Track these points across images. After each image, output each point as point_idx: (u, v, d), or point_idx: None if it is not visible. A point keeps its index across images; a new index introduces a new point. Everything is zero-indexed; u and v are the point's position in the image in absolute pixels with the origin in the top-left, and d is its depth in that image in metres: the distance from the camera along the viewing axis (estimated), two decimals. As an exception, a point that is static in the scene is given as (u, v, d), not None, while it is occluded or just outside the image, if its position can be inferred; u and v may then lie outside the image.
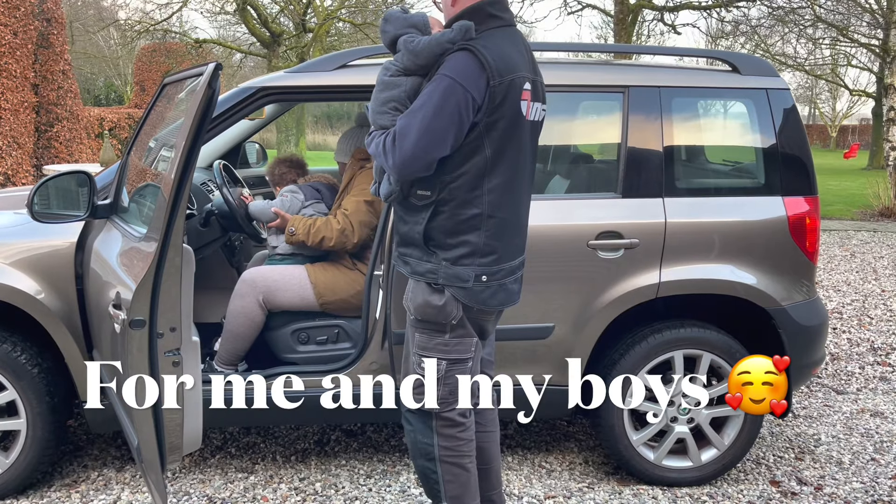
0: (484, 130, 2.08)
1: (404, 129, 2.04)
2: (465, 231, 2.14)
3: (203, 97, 1.92)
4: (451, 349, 2.23)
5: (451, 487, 2.31)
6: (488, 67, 2.03)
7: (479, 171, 2.11)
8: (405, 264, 2.25)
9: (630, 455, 3.04)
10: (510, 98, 2.09)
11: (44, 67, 11.10)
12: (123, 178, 2.83)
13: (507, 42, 2.14)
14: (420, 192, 2.15)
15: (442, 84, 2.03)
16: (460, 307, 2.19)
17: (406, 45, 2.11)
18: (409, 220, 2.20)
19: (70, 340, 2.78)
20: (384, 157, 2.08)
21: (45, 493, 2.96)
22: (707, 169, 3.37)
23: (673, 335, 2.97)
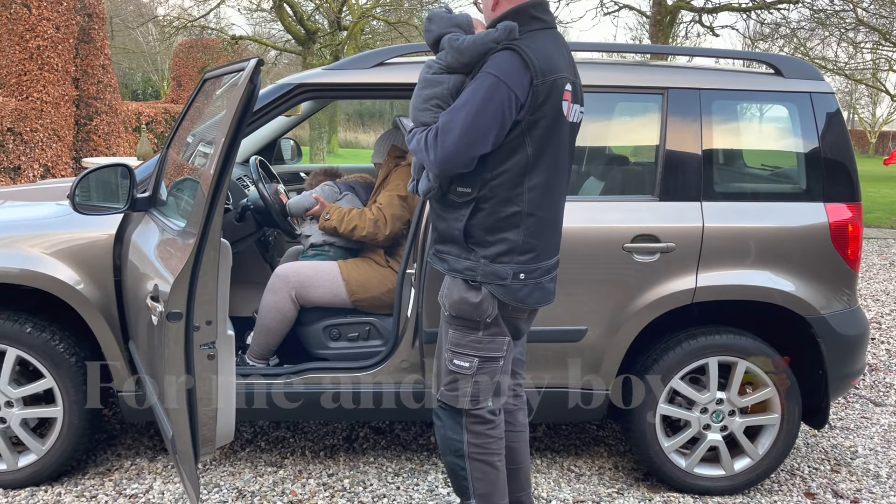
0: (526, 129, 2.09)
1: (447, 126, 2.05)
2: (505, 229, 2.15)
3: (244, 92, 1.94)
4: (483, 347, 2.24)
5: (480, 485, 2.31)
6: (532, 67, 2.05)
7: (520, 169, 2.12)
8: (442, 261, 2.26)
9: (661, 462, 3.00)
10: (552, 98, 2.10)
11: (84, 62, 11.31)
12: (162, 172, 2.87)
13: (550, 43, 2.16)
14: (460, 189, 2.16)
15: (486, 82, 2.05)
16: (496, 305, 2.19)
17: (451, 44, 2.13)
18: (447, 217, 2.21)
19: (107, 330, 2.82)
20: (425, 152, 2.10)
21: (79, 480, 3.01)
22: (746, 173, 3.31)
23: (708, 341, 2.93)
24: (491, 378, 2.27)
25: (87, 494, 2.90)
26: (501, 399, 2.34)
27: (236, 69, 2.35)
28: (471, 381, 2.25)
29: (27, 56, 10.00)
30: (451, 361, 2.27)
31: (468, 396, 2.26)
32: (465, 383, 2.26)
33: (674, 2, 14.24)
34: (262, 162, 3.68)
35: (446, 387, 2.30)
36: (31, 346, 2.81)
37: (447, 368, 2.29)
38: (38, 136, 10.11)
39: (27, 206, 3.26)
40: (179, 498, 2.89)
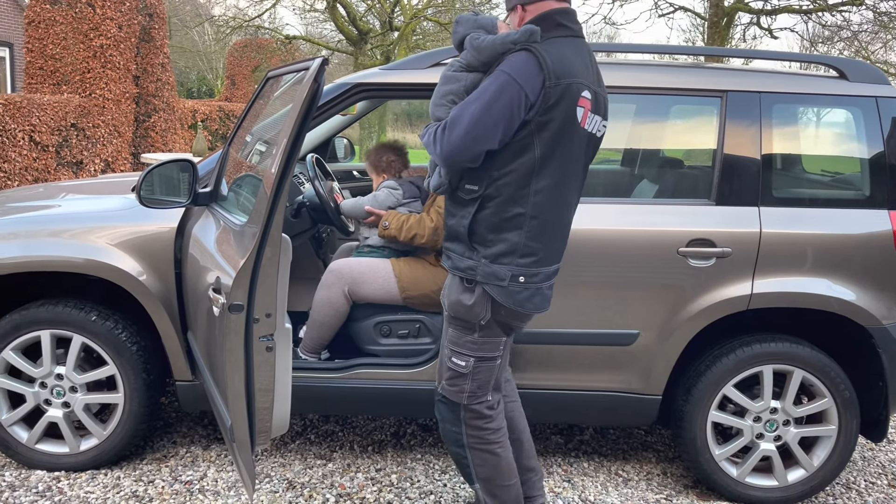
0: (535, 130, 2.10)
1: (455, 119, 2.09)
2: (507, 229, 2.17)
3: (308, 91, 1.98)
4: (479, 347, 2.30)
5: (481, 470, 2.42)
6: (546, 68, 2.07)
7: (527, 170, 2.13)
8: (447, 258, 2.32)
9: (711, 469, 2.96)
10: (565, 101, 2.10)
11: (145, 60, 11.62)
12: (224, 168, 2.94)
13: (571, 50, 2.17)
14: (468, 186, 2.19)
15: (499, 79, 2.08)
16: (489, 309, 2.23)
17: (471, 42, 2.19)
18: (456, 214, 2.25)
19: (167, 321, 2.91)
20: (433, 145, 2.14)
21: (137, 465, 3.11)
22: (806, 178, 3.24)
23: (763, 349, 2.88)
24: (488, 376, 2.35)
25: (145, 479, 3.00)
26: (500, 393, 2.42)
27: (300, 68, 2.40)
28: (468, 379, 2.33)
29: (91, 54, 10.33)
30: (449, 359, 2.35)
31: (466, 392, 2.35)
32: (462, 380, 2.34)
33: (731, 3, 13.97)
34: (318, 160, 3.74)
35: (447, 382, 2.38)
36: (95, 333, 2.91)
37: (446, 365, 2.37)
38: (100, 132, 10.43)
39: (94, 199, 3.38)
40: (233, 486, 2.96)
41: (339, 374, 2.97)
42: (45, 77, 10.36)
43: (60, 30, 10.26)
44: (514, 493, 2.45)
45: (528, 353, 2.91)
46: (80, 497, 2.85)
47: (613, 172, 4.02)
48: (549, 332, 2.88)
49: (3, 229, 2.98)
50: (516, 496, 2.45)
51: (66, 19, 10.26)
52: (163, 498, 2.86)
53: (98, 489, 2.91)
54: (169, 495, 2.88)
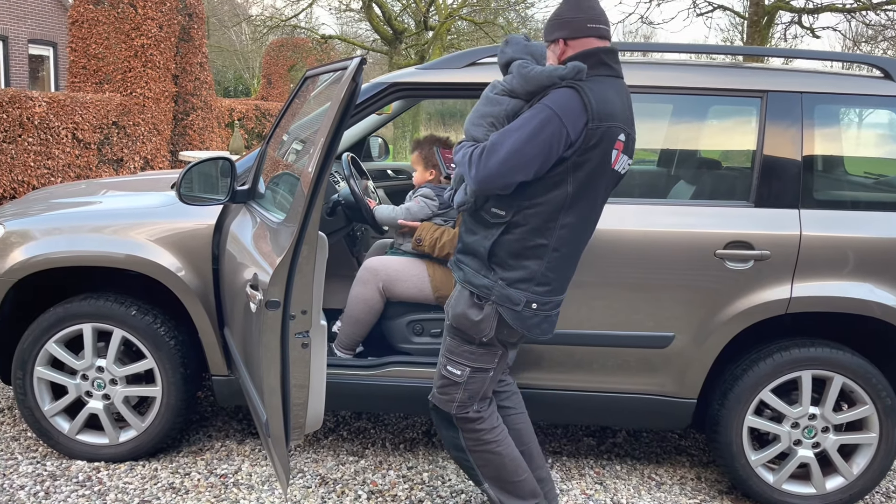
0: (571, 168, 2.13)
1: (495, 146, 2.11)
2: (529, 257, 2.21)
3: (347, 90, 2.00)
4: (476, 358, 2.34)
5: (486, 470, 2.44)
6: (590, 109, 2.09)
7: (557, 205, 2.17)
8: (459, 270, 2.34)
9: (747, 475, 2.92)
10: (603, 144, 2.13)
11: (184, 59, 11.81)
12: (261, 166, 2.98)
13: (613, 91, 2.19)
14: (495, 210, 2.22)
15: (543, 113, 2.10)
16: (494, 328, 2.27)
17: (520, 70, 2.20)
18: (477, 233, 2.27)
19: (204, 316, 2.96)
20: (468, 167, 2.16)
21: (174, 457, 3.17)
22: (848, 181, 3.18)
23: (802, 354, 2.83)
24: (480, 387, 2.38)
25: (181, 471, 3.05)
26: (486, 402, 2.44)
27: (338, 68, 2.42)
28: (461, 389, 2.36)
29: (132, 53, 10.53)
30: (444, 367, 2.38)
31: (456, 402, 2.39)
32: (454, 389, 2.38)
33: (772, 2, 13.73)
34: (354, 159, 3.77)
35: (438, 390, 2.43)
36: (135, 327, 2.97)
37: (440, 373, 2.40)
38: (140, 130, 10.63)
39: (134, 196, 3.44)
40: (266, 480, 3.00)
41: (372, 371, 2.99)
42: (88, 76, 10.59)
43: (103, 30, 10.47)
44: (529, 487, 2.47)
45: (561, 355, 2.90)
46: (119, 487, 2.91)
47: (650, 173, 3.98)
48: (584, 334, 2.86)
49: (48, 224, 3.05)
50: (532, 489, 2.47)
51: (109, 19, 10.46)
52: (198, 490, 2.91)
53: (136, 480, 2.97)
54: (204, 488, 2.93)
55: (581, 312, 2.84)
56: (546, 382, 2.93)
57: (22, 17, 17.39)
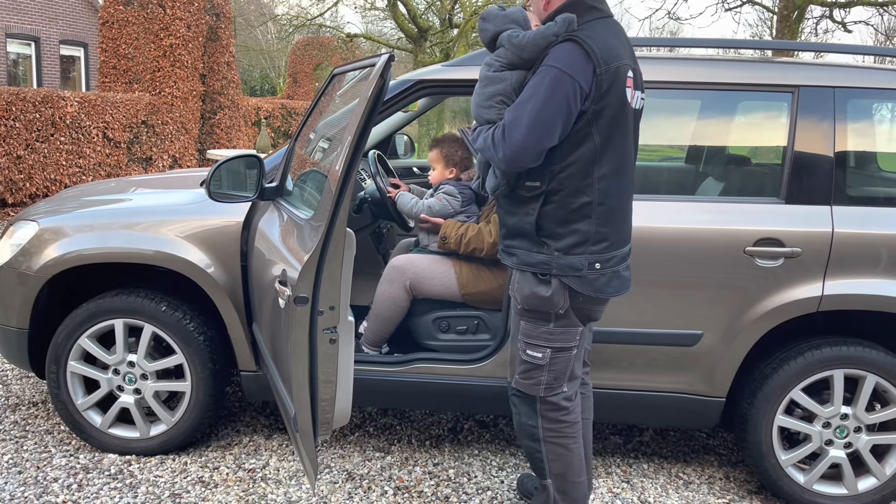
0: (592, 118, 2.09)
1: (514, 121, 2.07)
2: (576, 220, 2.16)
3: (375, 87, 2.00)
4: (555, 338, 2.28)
5: (555, 466, 2.39)
6: (594, 56, 2.05)
7: (588, 159, 2.12)
8: (511, 255, 2.30)
9: (777, 475, 2.88)
10: (616, 86, 2.10)
11: (211, 59, 11.94)
12: (289, 164, 3.00)
13: (608, 32, 2.16)
14: (529, 184, 2.18)
15: (549, 74, 2.05)
16: (568, 297, 2.21)
17: (511, 40, 2.16)
18: (517, 212, 2.23)
19: (233, 312, 2.99)
20: (493, 150, 2.12)
21: (202, 451, 3.20)
22: (881, 177, 3.13)
23: (833, 353, 2.79)
24: (565, 366, 2.32)
25: (210, 466, 3.09)
26: (576, 383, 2.39)
27: (366, 65, 2.43)
28: (545, 371, 2.31)
29: (161, 53, 10.67)
30: (524, 352, 2.32)
31: (543, 385, 2.32)
32: (538, 373, 2.31)
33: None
34: (380, 156, 3.78)
35: (521, 375, 2.36)
36: (165, 323, 3.01)
37: (521, 358, 2.34)
38: (168, 129, 10.77)
39: (163, 193, 3.49)
40: (294, 475, 3.02)
41: (398, 367, 3.00)
42: (118, 76, 10.75)
43: (132, 30, 10.62)
44: (584, 491, 2.43)
45: (588, 352, 2.88)
46: (150, 480, 2.95)
47: (678, 170, 3.94)
48: (613, 332, 2.85)
49: (80, 222, 3.11)
50: (584, 494, 2.43)
51: (138, 20, 10.61)
52: (227, 484, 2.94)
53: (166, 473, 3.01)
54: (233, 482, 2.96)
55: (609, 310, 2.81)
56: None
57: (53, 18, 17.69)
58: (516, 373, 2.38)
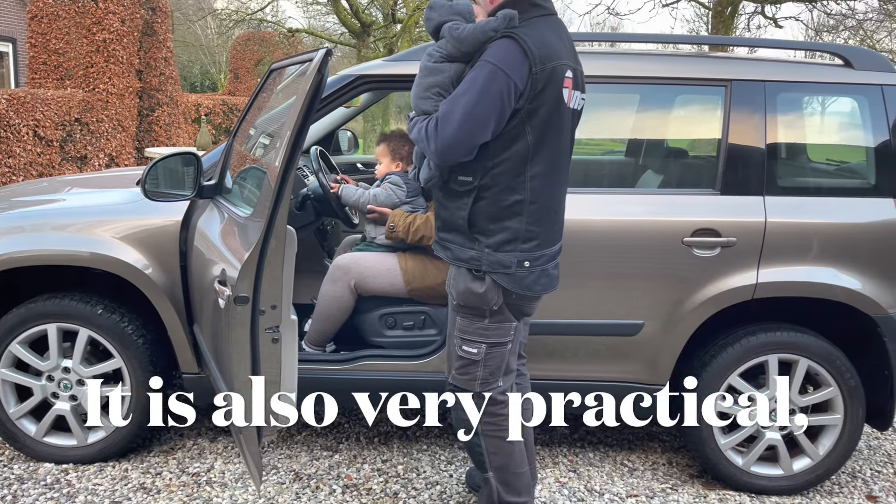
0: (525, 117, 2.11)
1: (447, 115, 2.08)
2: (507, 217, 2.18)
3: (313, 82, 1.98)
4: (490, 333, 2.30)
5: (495, 458, 2.41)
6: (531, 55, 2.06)
7: (521, 157, 2.14)
8: (446, 250, 2.31)
9: (717, 459, 2.97)
10: (552, 85, 2.11)
11: (148, 54, 11.61)
12: (228, 161, 2.95)
13: (549, 30, 2.17)
14: (462, 178, 2.19)
15: (485, 70, 2.07)
16: (501, 294, 2.24)
17: (451, 32, 2.16)
18: (450, 206, 2.25)
19: (173, 314, 2.92)
20: (426, 141, 2.13)
21: (144, 457, 3.13)
22: (811, 168, 3.23)
23: (768, 338, 2.88)
24: (500, 361, 2.35)
25: (153, 471, 3.01)
26: (511, 376, 2.42)
27: (304, 60, 2.40)
28: (480, 366, 2.33)
29: (94, 49, 10.32)
30: (460, 347, 2.34)
31: (479, 380, 2.35)
32: (474, 368, 2.34)
33: (735, -8, 13.91)
34: (322, 152, 3.74)
35: (457, 371, 2.38)
36: (101, 327, 2.92)
37: (457, 354, 2.36)
38: (104, 127, 10.44)
39: (98, 193, 3.39)
40: (240, 477, 2.98)
41: (345, 365, 2.98)
42: (49, 72, 10.36)
43: (63, 24, 10.25)
44: (526, 482, 2.46)
45: (533, 344, 2.91)
46: (89, 489, 2.87)
47: (619, 163, 4.01)
48: (555, 323, 2.88)
49: (11, 223, 2.99)
50: (528, 484, 2.46)
51: (69, 14, 10.24)
52: (170, 490, 2.88)
53: (106, 481, 2.93)
54: (176, 487, 2.90)
55: (553, 302, 2.85)
56: (519, 372, 2.94)
57: (-21, 12, 16.96)
58: (453, 368, 2.40)
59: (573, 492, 2.97)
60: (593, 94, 3.38)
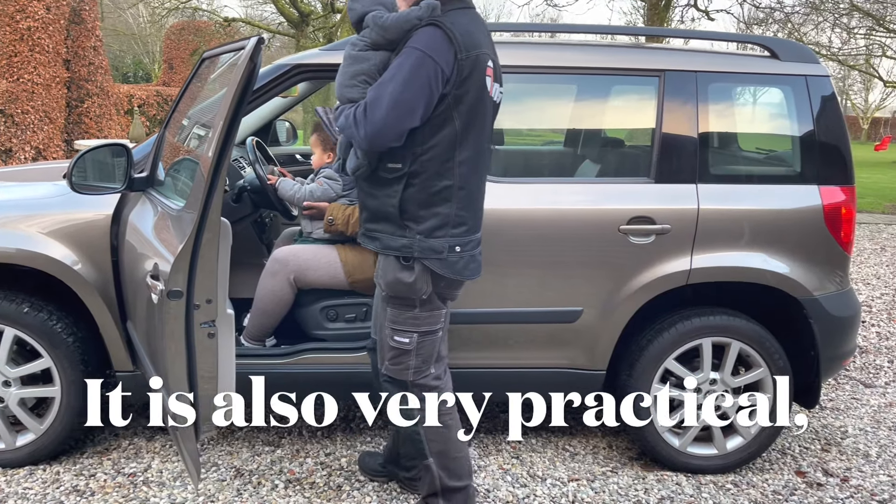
0: (453, 103, 2.15)
1: (376, 100, 2.09)
2: (438, 203, 2.21)
3: (245, 71, 1.94)
4: (421, 322, 2.33)
5: (435, 444, 2.44)
6: (456, 42, 2.11)
7: (449, 143, 2.18)
8: (374, 240, 2.32)
9: (655, 441, 3.04)
10: (476, 73, 2.16)
11: (76, 43, 11.20)
12: (160, 152, 2.86)
13: (470, 22, 2.23)
14: (391, 165, 2.20)
15: (412, 56, 2.09)
16: (430, 282, 2.27)
17: (375, 21, 2.19)
18: (379, 195, 2.26)
19: (105, 310, 2.83)
20: (354, 128, 2.13)
21: (77, 459, 3.03)
22: (741, 156, 3.33)
23: (702, 322, 2.96)
24: (431, 349, 2.38)
25: (86, 473, 2.92)
26: (443, 363, 2.46)
27: (236, 48, 2.35)
28: (413, 355, 2.35)
29: (18, 37, 9.91)
30: (391, 338, 2.36)
31: (412, 369, 2.37)
32: (407, 357, 2.36)
33: (669, -15, 14.20)
34: (259, 143, 3.67)
35: (390, 361, 2.39)
36: (28, 326, 2.81)
37: (389, 344, 2.38)
38: (30, 119, 10.03)
39: (23, 187, 3.25)
40: (178, 476, 2.91)
41: (286, 359, 2.94)
42: (-31, 61, 9.90)
43: (-16, 11, 9.80)
44: (467, 465, 2.48)
45: (474, 333, 2.93)
46: (19, 493, 2.76)
47: (558, 153, 4.06)
48: (497, 312, 2.90)
49: (-74, 219, 2.84)
50: (468, 469, 2.48)
51: (-10, 0, 9.81)
52: (105, 491, 2.80)
53: (37, 485, 2.82)
54: (111, 488, 2.82)
55: (495, 291, 2.88)
56: (462, 361, 2.95)
57: None
58: (385, 359, 2.41)
59: (516, 478, 3.01)
60: (533, 85, 3.42)
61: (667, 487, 2.98)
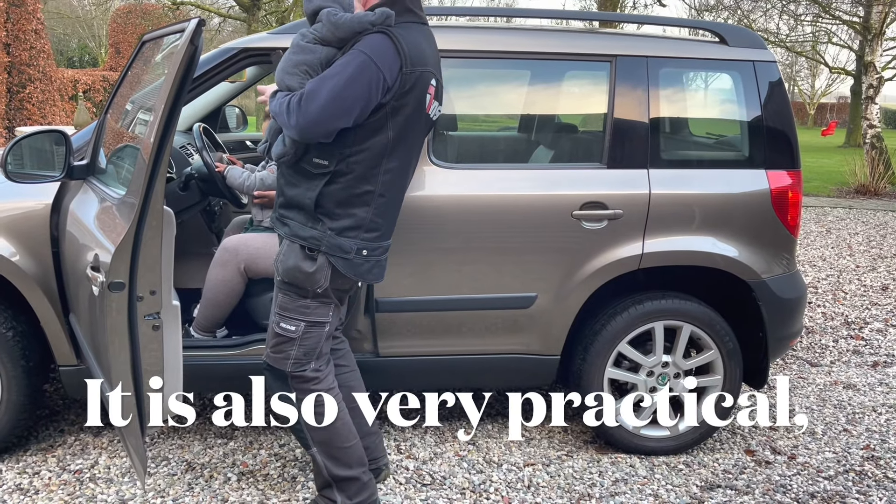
0: (390, 113, 2.17)
1: (313, 93, 2.09)
2: (356, 205, 2.22)
3: (185, 54, 1.87)
4: (311, 312, 2.32)
5: (317, 434, 2.42)
6: (403, 54, 2.13)
7: (380, 150, 2.20)
8: (284, 225, 2.31)
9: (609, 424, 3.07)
10: (418, 88, 2.19)
11: (16, 27, 10.80)
12: (101, 139, 2.77)
13: (421, 37, 2.25)
14: (317, 161, 2.20)
15: (358, 58, 2.11)
16: (328, 278, 2.27)
17: (329, 18, 2.20)
18: (299, 185, 2.25)
19: (46, 304, 2.73)
20: (287, 116, 2.13)
21: (20, 457, 2.93)
22: (692, 141, 3.37)
23: (654, 306, 2.99)
24: (316, 343, 2.36)
25: (30, 471, 2.83)
26: (323, 361, 2.43)
27: (177, 30, 2.27)
28: (296, 345, 2.34)
29: (-47, 19, 9.50)
30: (277, 325, 2.35)
31: (292, 359, 2.35)
32: (289, 346, 2.34)
33: (621, -29, 14.28)
34: (206, 129, 3.58)
35: (272, 349, 2.38)
36: (-36, 320, 2.70)
37: (273, 331, 2.36)
38: (-32, 104, 9.65)
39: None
40: (126, 472, 2.84)
41: (236, 350, 2.88)
42: None
43: (-85, -8, 9.37)
44: (357, 454, 2.47)
45: (432, 321, 2.91)
46: (-43, 495, 2.66)
47: (512, 139, 4.04)
48: (452, 299, 2.89)
49: None
50: (359, 457, 2.47)
51: (-78, -20, 9.37)
52: (50, 489, 2.71)
53: (-23, 485, 2.73)
54: (57, 486, 2.73)
55: (450, 278, 2.86)
56: (418, 349, 2.94)
57: None
58: (268, 346, 2.39)
59: (472, 464, 3.01)
60: (487, 70, 3.38)
61: (621, 470, 3.01)
